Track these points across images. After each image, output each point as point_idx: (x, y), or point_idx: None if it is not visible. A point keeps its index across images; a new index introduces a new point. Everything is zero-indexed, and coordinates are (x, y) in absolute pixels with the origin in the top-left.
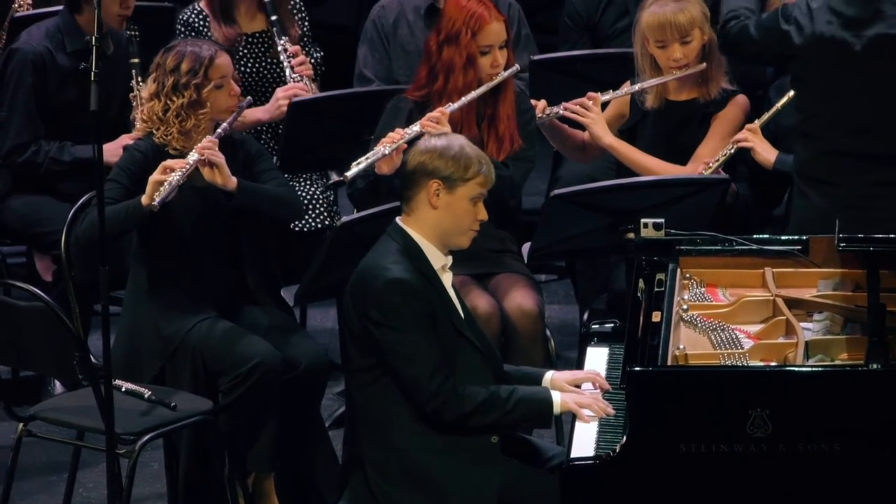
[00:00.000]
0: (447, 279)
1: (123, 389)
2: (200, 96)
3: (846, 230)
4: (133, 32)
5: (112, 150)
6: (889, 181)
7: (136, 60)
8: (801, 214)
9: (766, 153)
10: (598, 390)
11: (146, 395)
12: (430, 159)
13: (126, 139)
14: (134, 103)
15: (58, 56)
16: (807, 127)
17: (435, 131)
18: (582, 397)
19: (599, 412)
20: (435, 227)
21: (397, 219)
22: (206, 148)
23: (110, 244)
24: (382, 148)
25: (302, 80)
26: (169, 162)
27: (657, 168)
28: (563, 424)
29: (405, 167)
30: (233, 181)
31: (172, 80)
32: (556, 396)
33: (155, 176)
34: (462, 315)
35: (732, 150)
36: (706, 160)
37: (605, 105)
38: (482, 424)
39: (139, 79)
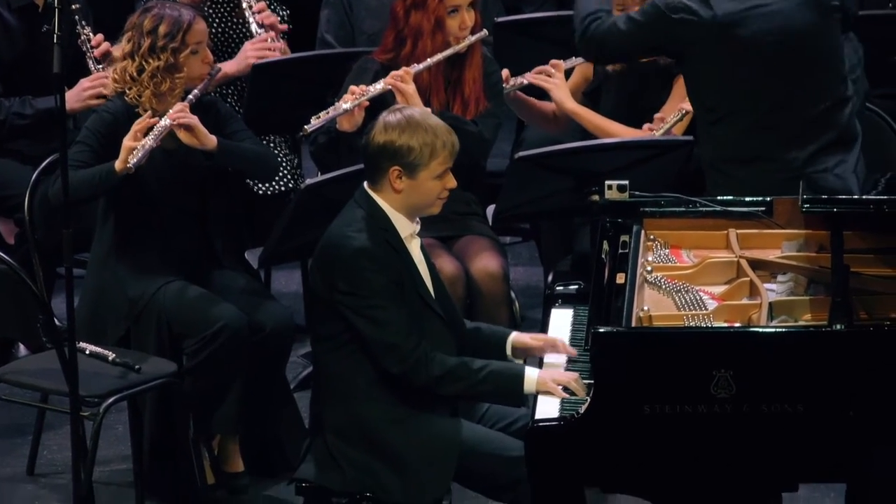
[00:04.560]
0: (415, 246)
1: (88, 352)
2: (177, 60)
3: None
4: None
5: (73, 97)
6: (820, 148)
7: (76, 6)
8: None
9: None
10: (564, 356)
11: (111, 358)
12: (389, 142)
13: (85, 83)
14: (84, 48)
15: (2, 12)
16: (720, 114)
17: (400, 88)
18: (562, 375)
19: (580, 392)
20: (401, 203)
21: (365, 184)
22: (177, 112)
23: (75, 206)
24: (344, 104)
25: (268, 31)
26: (139, 123)
27: (619, 133)
28: None
29: (366, 146)
30: (212, 140)
31: (149, 42)
32: (533, 374)
33: (128, 141)
34: (430, 284)
35: (680, 117)
36: (651, 125)
37: (570, 72)
38: (450, 392)
39: (83, 22)
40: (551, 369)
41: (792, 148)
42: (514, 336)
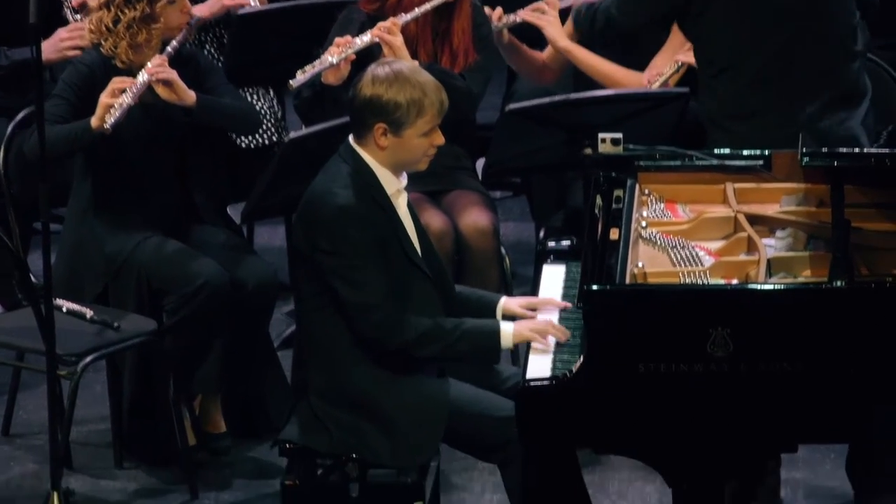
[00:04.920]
0: (402, 202)
1: (65, 309)
2: (153, 10)
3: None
4: None
5: (50, 48)
6: (815, 108)
7: None
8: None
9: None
10: (556, 310)
11: (88, 316)
12: (376, 97)
13: (62, 33)
14: None
15: None
16: (722, 66)
17: (387, 40)
18: (537, 323)
19: (559, 335)
20: (387, 160)
21: (350, 139)
22: (155, 67)
23: (51, 162)
24: (330, 57)
25: None
26: (119, 81)
27: (612, 73)
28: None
29: (353, 99)
30: (191, 96)
31: None
32: (508, 328)
33: (105, 98)
34: (416, 241)
35: (676, 69)
36: (649, 76)
37: (565, 12)
38: (426, 355)
39: None
40: (527, 320)
41: (795, 103)
42: (504, 303)
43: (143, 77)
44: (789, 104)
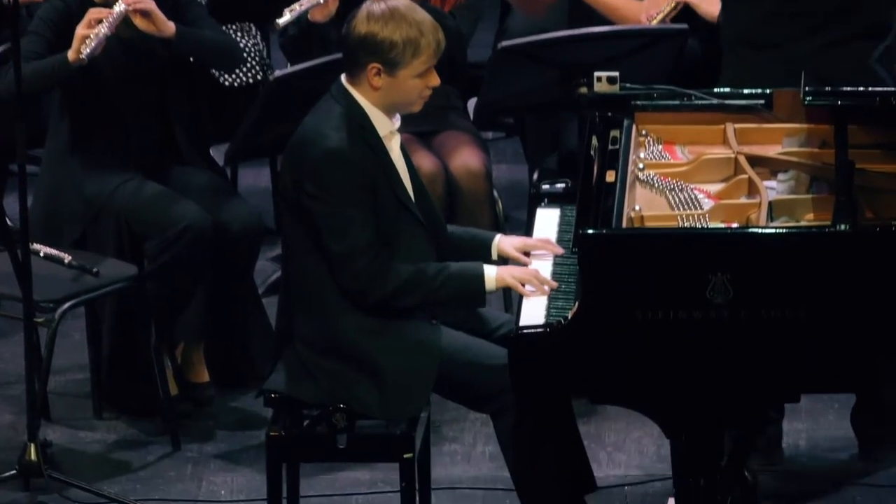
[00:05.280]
0: (395, 144)
1: (42, 254)
2: None
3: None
4: None
5: None
6: (833, 41)
7: None
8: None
9: (709, 5)
10: (550, 255)
11: (66, 261)
12: (371, 35)
13: None
14: None
15: None
16: None
17: None
18: (521, 271)
19: (540, 288)
20: (380, 101)
21: (342, 78)
22: None
23: (29, 99)
24: None
25: None
26: (95, 12)
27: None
28: (512, 291)
29: (346, 35)
30: (170, 27)
31: None
32: (491, 272)
33: (81, 29)
34: (408, 185)
35: (675, 5)
36: (647, 15)
37: None
38: (408, 303)
39: None
40: (511, 266)
41: (810, 36)
42: (500, 242)
43: (119, 7)
44: (802, 38)
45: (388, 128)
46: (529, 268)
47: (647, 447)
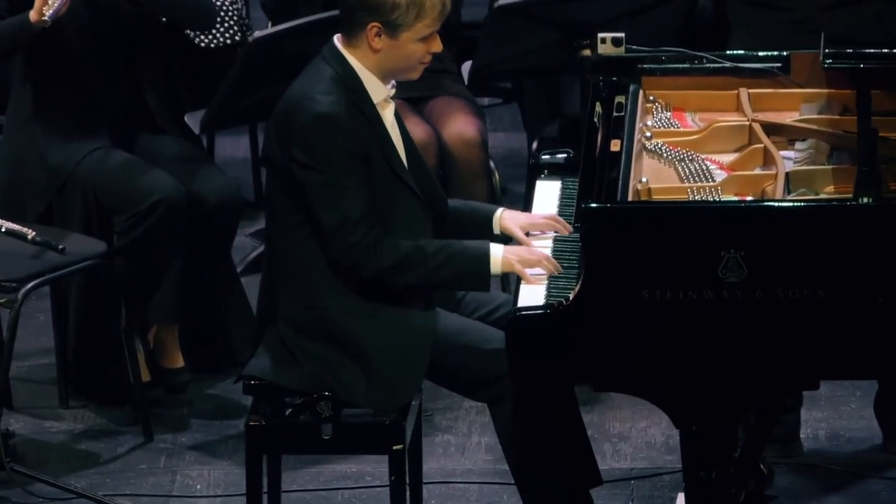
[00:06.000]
0: (388, 112)
1: (4, 229)
2: None
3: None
4: None
5: None
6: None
7: None
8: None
9: None
10: (551, 232)
11: (30, 236)
12: None
13: None
14: None
15: None
16: None
17: None
18: (528, 253)
19: (551, 270)
20: (377, 65)
21: (336, 38)
22: None
23: None
24: None
25: None
26: None
27: None
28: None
29: None
30: None
31: None
32: (497, 252)
33: None
34: (403, 154)
35: None
36: None
37: None
38: (406, 282)
39: None
40: (519, 247)
41: None
42: (502, 218)
43: None
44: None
45: (382, 94)
46: (538, 251)
47: (654, 438)
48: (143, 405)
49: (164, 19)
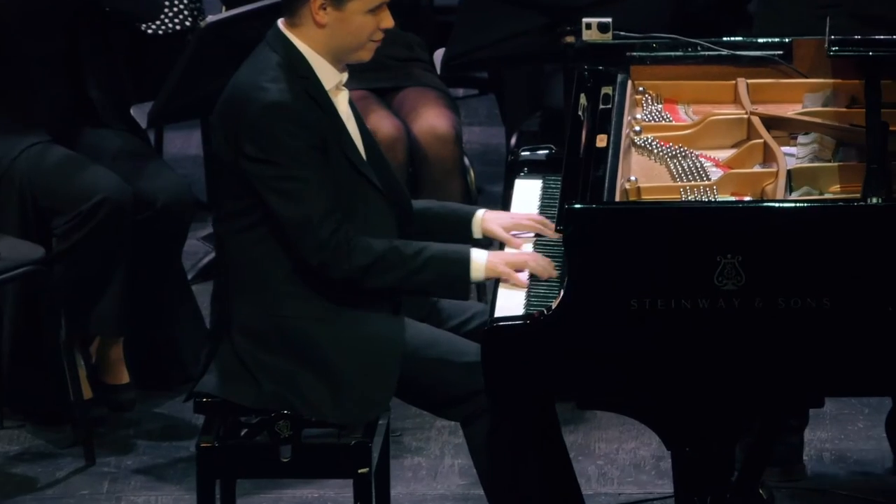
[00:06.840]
0: (342, 100)
1: None
2: None
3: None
4: None
5: None
6: None
7: None
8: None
9: None
10: (531, 234)
11: None
12: None
13: None
14: None
15: None
16: None
17: None
18: (516, 256)
19: (543, 273)
20: (325, 45)
21: (279, 23)
22: None
23: None
24: None
25: None
26: None
27: None
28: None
29: None
30: None
31: None
32: (480, 257)
33: None
34: (360, 146)
35: None
36: None
37: None
38: (380, 285)
39: None
40: (504, 252)
41: None
42: (483, 220)
43: None
44: None
45: (334, 80)
46: (526, 252)
47: (644, 460)
48: (85, 425)
49: (106, 9)
